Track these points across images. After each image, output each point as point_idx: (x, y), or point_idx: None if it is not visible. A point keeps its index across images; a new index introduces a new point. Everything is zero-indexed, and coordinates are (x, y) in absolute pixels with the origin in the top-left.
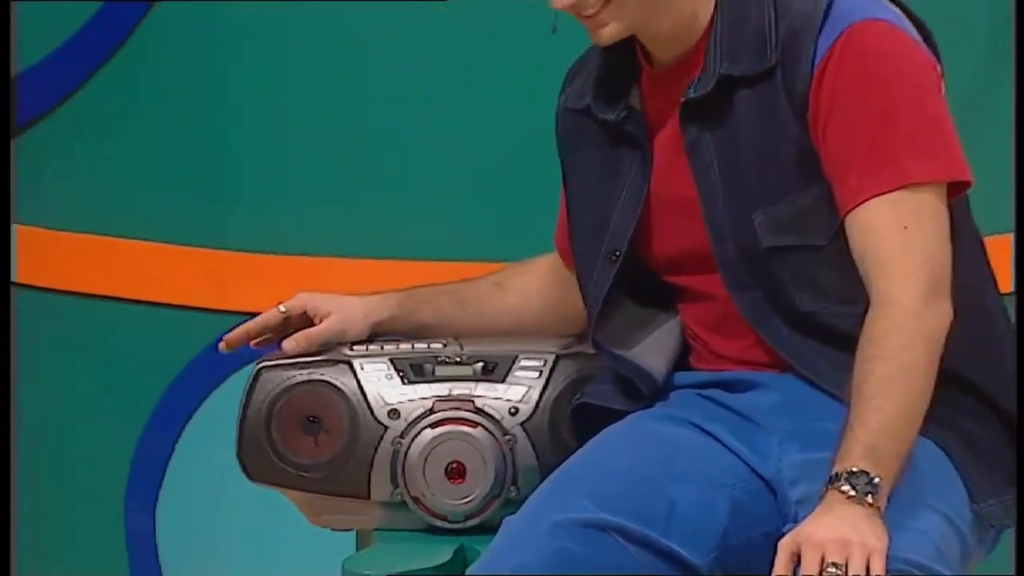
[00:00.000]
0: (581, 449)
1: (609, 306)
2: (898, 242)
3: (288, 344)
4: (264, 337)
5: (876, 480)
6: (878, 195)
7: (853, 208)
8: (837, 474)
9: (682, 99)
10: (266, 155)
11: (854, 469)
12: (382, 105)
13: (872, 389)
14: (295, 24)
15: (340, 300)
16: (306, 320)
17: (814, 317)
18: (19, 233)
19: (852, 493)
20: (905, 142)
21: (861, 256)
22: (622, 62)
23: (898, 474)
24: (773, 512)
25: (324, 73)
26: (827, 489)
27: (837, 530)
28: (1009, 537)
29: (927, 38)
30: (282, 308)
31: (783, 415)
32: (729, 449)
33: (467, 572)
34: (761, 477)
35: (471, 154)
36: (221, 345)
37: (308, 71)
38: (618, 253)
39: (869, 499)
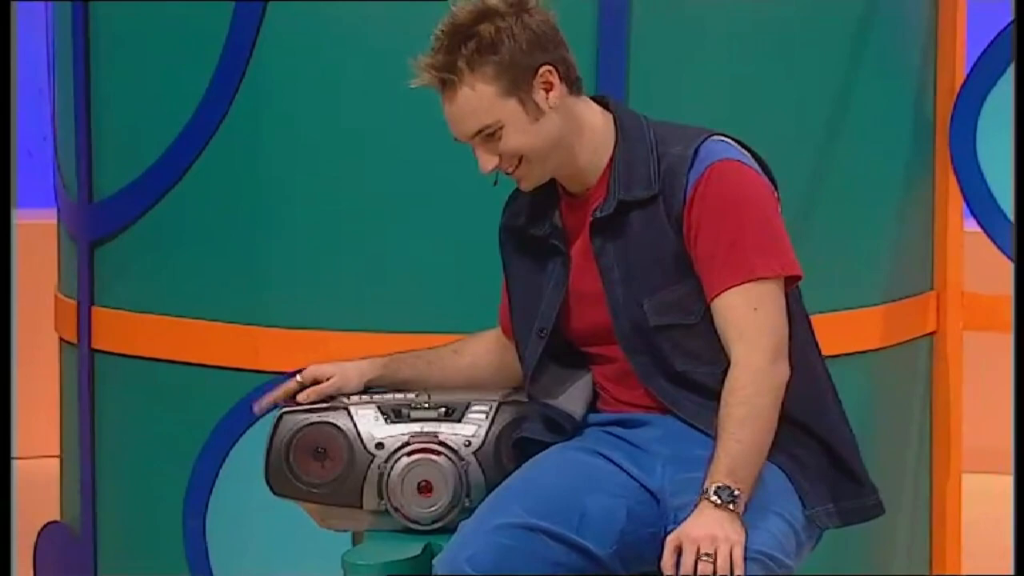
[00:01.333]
0: (517, 471)
1: (540, 369)
2: (750, 319)
3: (301, 397)
4: (286, 400)
5: (736, 492)
6: (735, 286)
7: (717, 295)
8: (707, 488)
9: (591, 218)
10: (291, 258)
11: (720, 484)
12: (387, 214)
13: (732, 426)
14: (314, 155)
15: (340, 365)
16: (316, 382)
17: (686, 375)
18: (101, 314)
19: (719, 502)
20: (752, 248)
21: (723, 330)
22: (547, 193)
23: (752, 488)
24: (657, 516)
25: (338, 194)
26: (700, 499)
27: (708, 529)
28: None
29: (767, 171)
30: (298, 379)
31: (665, 445)
32: (625, 470)
33: (433, 562)
34: (648, 490)
35: (462, 250)
36: (255, 408)
37: (325, 193)
38: (544, 331)
39: (731, 506)
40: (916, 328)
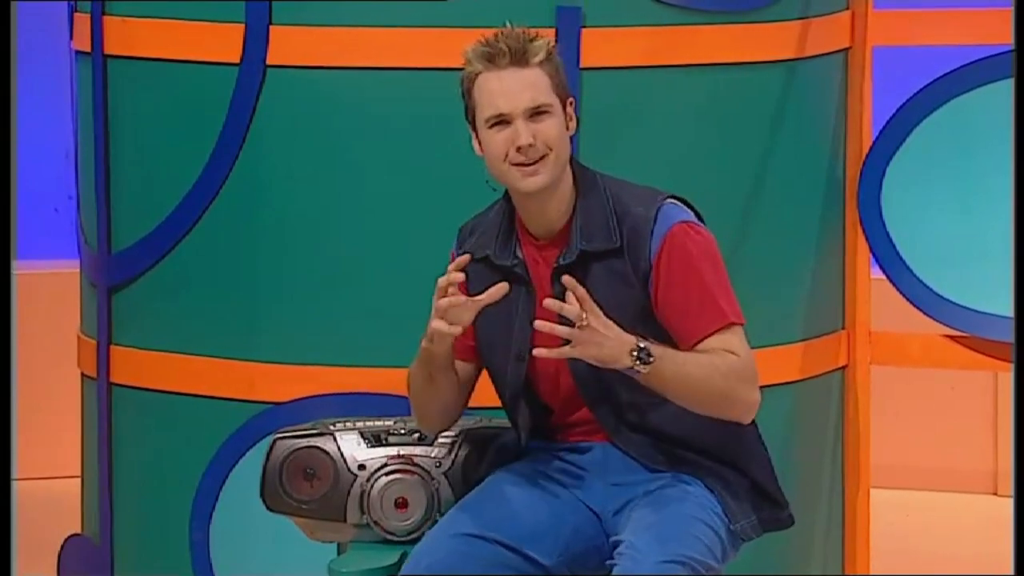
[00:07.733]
0: (475, 488)
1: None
2: (738, 362)
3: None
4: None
5: (652, 360)
6: (713, 333)
7: (698, 341)
8: (637, 341)
9: (554, 264)
10: (283, 303)
11: (649, 347)
12: (376, 258)
13: (691, 357)
14: (306, 210)
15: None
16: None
17: (630, 403)
18: (118, 352)
19: (634, 353)
20: (721, 298)
21: None
22: (507, 230)
23: (658, 380)
24: (599, 531)
25: (328, 245)
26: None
27: (609, 348)
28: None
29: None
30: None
31: (604, 470)
32: (570, 490)
33: (401, 570)
34: (590, 508)
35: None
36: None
37: (316, 245)
38: (523, 354)
39: (638, 363)
40: (830, 362)
